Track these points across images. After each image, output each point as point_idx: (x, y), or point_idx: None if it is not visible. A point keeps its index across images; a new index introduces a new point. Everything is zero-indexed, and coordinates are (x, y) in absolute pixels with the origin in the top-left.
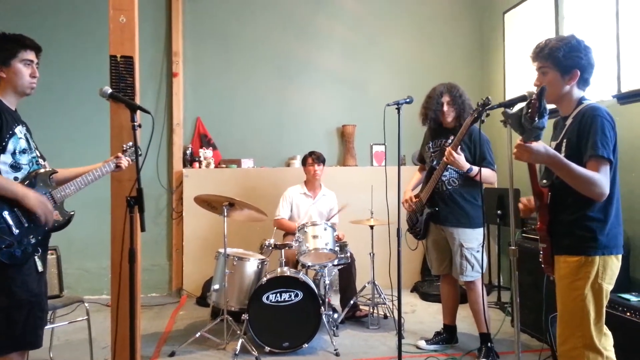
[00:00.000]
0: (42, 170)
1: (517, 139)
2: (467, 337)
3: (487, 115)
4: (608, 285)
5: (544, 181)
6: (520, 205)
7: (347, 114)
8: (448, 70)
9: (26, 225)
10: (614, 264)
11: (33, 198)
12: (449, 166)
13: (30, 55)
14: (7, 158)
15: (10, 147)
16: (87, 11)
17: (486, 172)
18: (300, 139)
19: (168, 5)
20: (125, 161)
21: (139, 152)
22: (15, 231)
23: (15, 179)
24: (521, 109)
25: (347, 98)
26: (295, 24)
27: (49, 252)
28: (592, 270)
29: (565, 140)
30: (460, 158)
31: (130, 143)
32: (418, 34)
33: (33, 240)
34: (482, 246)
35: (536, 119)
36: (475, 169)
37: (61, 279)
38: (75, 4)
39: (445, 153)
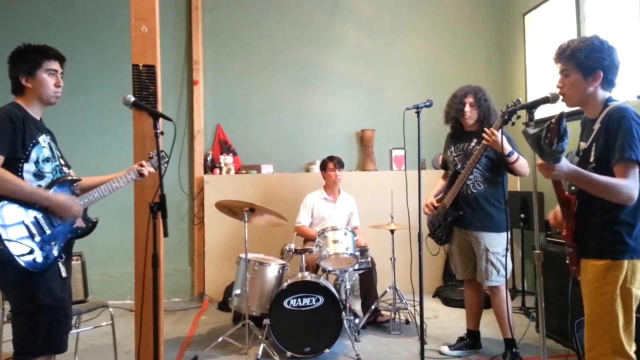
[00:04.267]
0: (66, 178)
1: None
2: (491, 343)
3: (518, 117)
4: (638, 290)
5: (572, 188)
6: (551, 218)
7: (366, 118)
8: (468, 73)
9: (48, 232)
10: None
11: (55, 206)
12: (474, 170)
13: (54, 65)
14: (30, 167)
15: (33, 155)
16: (108, 21)
17: (522, 160)
18: (320, 144)
19: (188, 14)
20: (148, 169)
21: (167, 158)
22: (37, 239)
23: (39, 187)
24: (541, 130)
25: (366, 103)
26: (313, 30)
27: (74, 257)
28: (620, 274)
29: (594, 145)
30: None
31: (156, 150)
32: (437, 37)
33: (55, 247)
34: (507, 251)
35: (555, 143)
36: (515, 153)
37: (86, 285)
38: (97, 14)
39: (486, 133)
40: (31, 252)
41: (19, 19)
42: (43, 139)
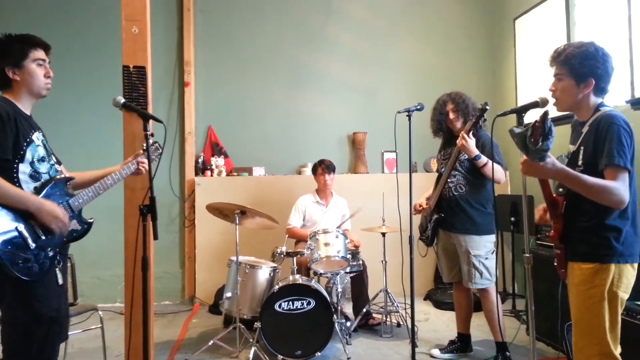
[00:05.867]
0: (58, 178)
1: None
2: (482, 346)
3: (484, 120)
4: (624, 294)
5: (560, 190)
6: (537, 215)
7: (357, 121)
8: (459, 77)
9: (43, 238)
10: (630, 272)
11: (46, 213)
12: (455, 172)
13: (40, 54)
14: (25, 167)
15: (28, 155)
16: (100, 22)
17: (492, 166)
18: (311, 147)
19: (180, 15)
20: (146, 164)
21: (160, 149)
22: (32, 245)
23: (35, 189)
24: (527, 129)
25: (358, 105)
26: (306, 32)
27: None
28: (607, 278)
29: (582, 148)
30: (471, 142)
31: (151, 141)
32: (429, 42)
33: (51, 253)
34: (495, 253)
35: (540, 141)
36: (484, 158)
37: (75, 287)
38: (88, 15)
39: (458, 139)
40: (26, 260)
41: (11, 20)
42: (37, 137)
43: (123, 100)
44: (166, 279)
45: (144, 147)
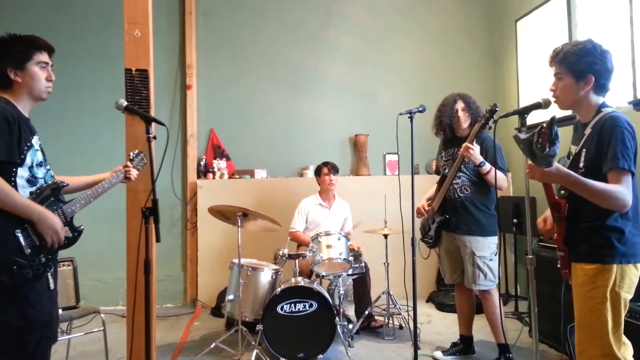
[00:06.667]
0: (53, 184)
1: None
2: (484, 348)
3: (495, 121)
4: (627, 294)
5: (562, 192)
6: (540, 223)
7: (359, 123)
8: (460, 79)
9: (37, 243)
10: (633, 272)
11: (47, 224)
12: (460, 173)
13: (44, 57)
14: (24, 172)
15: (28, 160)
16: (102, 25)
17: (498, 174)
18: (313, 149)
19: (182, 18)
20: (134, 172)
21: (144, 161)
22: (27, 251)
23: (31, 193)
24: (532, 135)
25: (360, 107)
26: (307, 35)
27: (66, 263)
28: (609, 278)
29: (584, 150)
30: (476, 149)
31: (137, 151)
32: (430, 43)
33: (44, 259)
34: (497, 255)
35: (547, 147)
36: (488, 165)
37: (77, 290)
38: (90, 18)
39: (462, 148)
40: (21, 266)
41: (12, 23)
42: (36, 142)
43: (125, 103)
44: (168, 282)
45: (131, 157)
